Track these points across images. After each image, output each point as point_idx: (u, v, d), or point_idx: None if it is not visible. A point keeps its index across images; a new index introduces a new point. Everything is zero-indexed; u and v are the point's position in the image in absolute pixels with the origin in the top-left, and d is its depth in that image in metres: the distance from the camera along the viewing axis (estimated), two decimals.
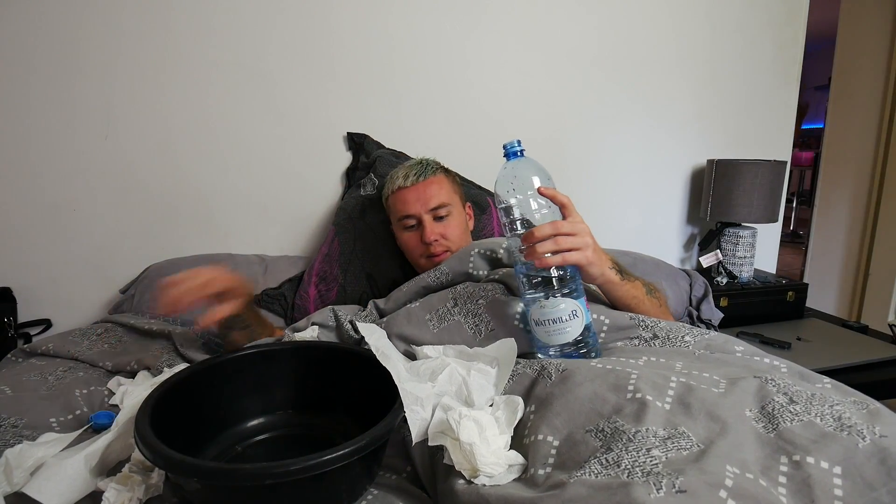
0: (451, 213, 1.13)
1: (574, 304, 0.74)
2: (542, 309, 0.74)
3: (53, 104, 1.32)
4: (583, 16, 1.62)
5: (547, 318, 0.74)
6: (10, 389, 0.87)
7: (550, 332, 0.74)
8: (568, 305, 0.73)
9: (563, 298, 0.74)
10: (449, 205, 1.13)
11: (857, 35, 2.43)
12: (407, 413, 0.63)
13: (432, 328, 0.84)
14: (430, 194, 1.11)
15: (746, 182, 1.62)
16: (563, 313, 0.73)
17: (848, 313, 2.52)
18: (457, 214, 1.15)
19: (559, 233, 0.72)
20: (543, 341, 0.76)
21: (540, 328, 0.75)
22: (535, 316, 0.75)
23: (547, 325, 0.74)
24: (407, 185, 1.12)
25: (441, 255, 1.09)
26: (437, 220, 1.12)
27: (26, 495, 0.59)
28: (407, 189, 1.12)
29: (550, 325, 0.74)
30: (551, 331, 0.74)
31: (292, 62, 1.44)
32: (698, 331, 0.80)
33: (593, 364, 0.68)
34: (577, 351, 0.76)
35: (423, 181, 1.13)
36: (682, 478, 0.46)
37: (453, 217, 1.14)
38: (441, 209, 1.12)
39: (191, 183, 1.44)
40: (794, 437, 0.52)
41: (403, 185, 1.13)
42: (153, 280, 1.32)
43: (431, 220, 1.11)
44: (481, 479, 0.57)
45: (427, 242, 1.09)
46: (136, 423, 0.59)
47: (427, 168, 1.15)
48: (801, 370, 0.67)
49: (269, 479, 0.51)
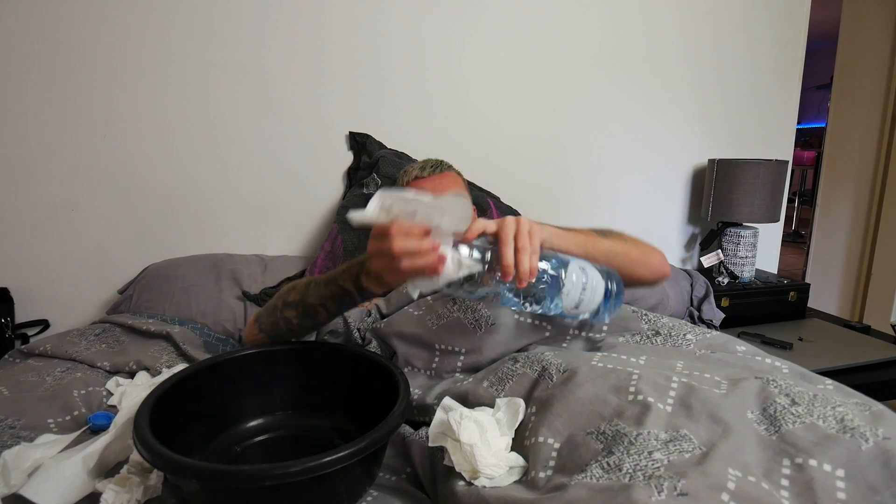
0: None
1: (576, 270, 0.69)
2: (568, 296, 0.68)
3: (52, 104, 1.32)
4: (583, 15, 1.62)
5: (574, 302, 0.69)
6: (7, 390, 0.86)
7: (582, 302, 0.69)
8: (578, 277, 0.68)
9: (568, 277, 0.68)
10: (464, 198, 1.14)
11: (859, 34, 2.43)
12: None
13: (431, 325, 0.84)
14: (446, 185, 1.14)
15: (748, 182, 1.61)
16: (578, 288, 0.68)
17: (850, 314, 2.51)
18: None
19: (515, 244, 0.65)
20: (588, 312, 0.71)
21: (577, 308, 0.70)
22: (568, 306, 0.70)
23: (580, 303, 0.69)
24: (424, 176, 1.15)
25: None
26: None
27: (24, 497, 0.59)
28: (424, 179, 1.14)
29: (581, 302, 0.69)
30: (583, 300, 0.69)
31: (292, 62, 1.44)
32: (700, 330, 0.80)
33: (594, 363, 0.67)
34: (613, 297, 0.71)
35: (438, 174, 1.15)
36: (683, 481, 0.46)
37: None
38: None
39: (190, 183, 1.43)
40: (797, 440, 0.52)
41: (420, 176, 1.15)
42: (151, 280, 1.32)
43: None
44: (481, 481, 0.57)
45: None
46: (134, 424, 0.58)
47: (442, 164, 1.18)
48: (803, 371, 0.67)
49: (269, 480, 0.51)
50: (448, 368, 0.82)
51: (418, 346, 0.84)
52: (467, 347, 0.81)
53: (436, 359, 0.82)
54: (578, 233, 0.80)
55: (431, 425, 0.64)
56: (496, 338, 0.80)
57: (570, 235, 0.77)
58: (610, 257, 0.81)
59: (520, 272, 0.63)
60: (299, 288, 0.84)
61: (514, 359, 0.75)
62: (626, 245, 0.85)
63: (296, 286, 0.85)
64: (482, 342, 0.80)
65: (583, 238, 0.79)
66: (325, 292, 0.79)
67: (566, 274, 0.68)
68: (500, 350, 0.80)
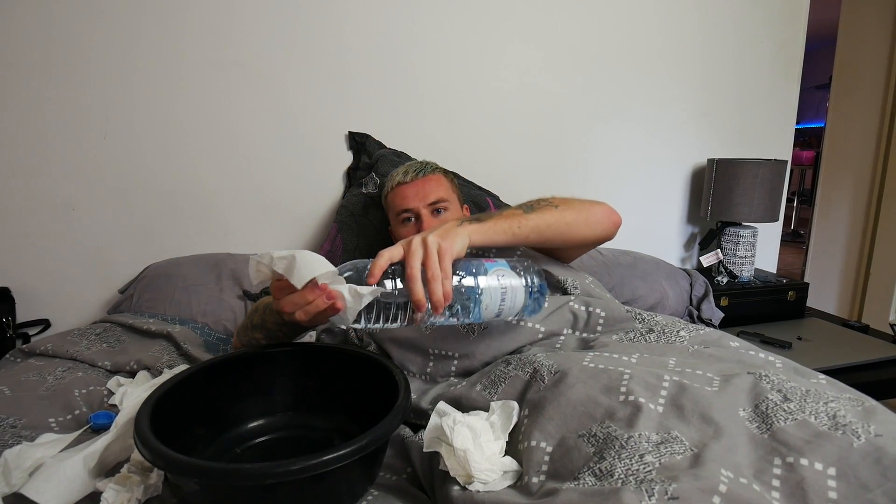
0: (448, 209, 1.14)
1: (491, 281, 0.67)
2: (487, 309, 0.67)
3: (53, 103, 1.32)
4: (583, 15, 1.62)
5: (495, 312, 0.68)
6: (8, 390, 0.87)
7: (503, 311, 0.68)
8: (490, 283, 0.66)
9: (486, 284, 0.66)
10: (447, 201, 1.14)
11: (858, 34, 2.43)
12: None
13: (424, 330, 0.84)
14: (429, 190, 1.13)
15: (747, 181, 1.62)
16: (497, 295, 0.67)
17: (849, 313, 2.52)
18: (454, 211, 1.16)
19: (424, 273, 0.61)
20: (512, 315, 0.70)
21: (499, 316, 0.69)
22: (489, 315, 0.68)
23: (501, 312, 0.68)
24: (406, 181, 1.14)
25: None
26: (435, 213, 1.13)
27: (25, 496, 0.59)
28: (406, 185, 1.14)
29: (503, 311, 0.68)
30: (504, 309, 0.68)
31: (292, 62, 1.44)
32: (693, 326, 0.80)
33: (586, 364, 0.67)
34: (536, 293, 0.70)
35: (421, 178, 1.15)
36: (675, 484, 0.46)
37: (451, 213, 1.14)
38: (439, 203, 1.13)
39: (190, 182, 1.44)
40: (788, 438, 0.52)
41: (403, 181, 1.15)
42: (152, 280, 1.32)
43: (429, 214, 1.12)
44: (476, 486, 0.57)
45: None
46: (135, 424, 0.59)
47: (426, 166, 1.17)
48: (797, 366, 0.67)
49: (270, 479, 0.51)
50: (442, 373, 0.82)
51: (412, 350, 0.84)
52: (460, 352, 0.81)
53: (430, 363, 0.83)
54: (501, 218, 0.77)
55: (426, 430, 0.64)
56: (489, 342, 0.81)
57: (492, 225, 0.75)
58: (543, 230, 0.78)
59: (433, 302, 0.61)
60: (260, 310, 0.84)
61: (506, 361, 0.75)
62: (558, 212, 0.82)
63: (258, 307, 0.86)
64: (475, 346, 0.80)
65: (507, 222, 0.77)
66: (277, 318, 0.78)
67: (481, 288, 0.66)
68: (492, 353, 0.80)
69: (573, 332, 0.80)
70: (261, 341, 0.84)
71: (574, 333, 0.80)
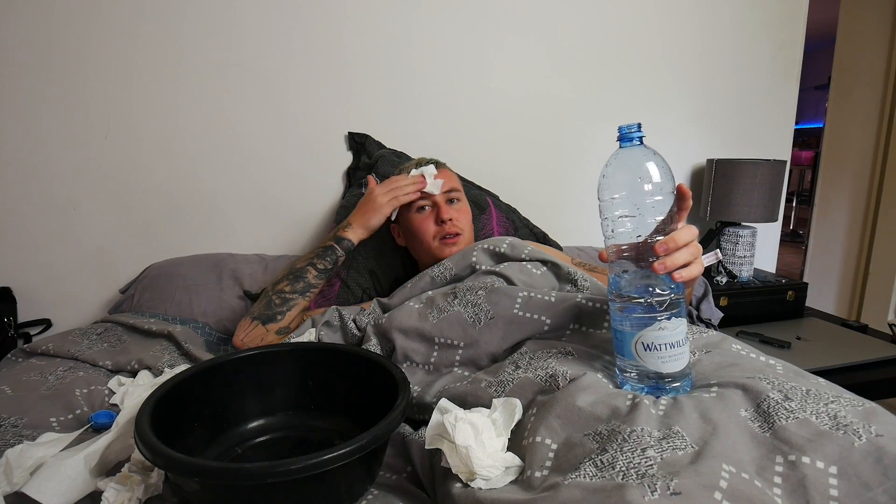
0: (461, 199, 1.17)
1: (685, 323, 0.64)
2: (661, 332, 0.62)
3: (53, 103, 1.33)
4: (582, 15, 1.62)
5: (665, 341, 0.62)
6: (10, 389, 0.87)
7: (666, 358, 0.62)
8: (684, 325, 0.63)
9: (680, 318, 0.63)
10: (459, 191, 1.17)
11: (857, 34, 2.43)
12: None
13: (432, 319, 0.85)
14: (444, 179, 1.14)
15: (746, 181, 1.62)
16: (682, 335, 0.62)
17: (848, 313, 2.52)
18: (465, 203, 1.19)
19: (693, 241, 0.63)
20: (654, 370, 0.63)
21: (652, 354, 0.62)
22: (649, 340, 0.62)
23: (663, 351, 0.62)
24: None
25: (455, 237, 1.11)
26: (449, 203, 1.15)
27: (26, 495, 0.60)
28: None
29: (667, 349, 0.62)
30: (667, 357, 0.62)
31: (292, 62, 1.44)
32: (696, 329, 0.80)
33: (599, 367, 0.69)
34: (682, 378, 0.64)
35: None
36: (676, 479, 0.46)
37: (463, 204, 1.18)
38: (453, 193, 1.15)
39: (191, 182, 1.44)
40: (790, 436, 0.52)
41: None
42: (153, 280, 1.32)
43: (445, 202, 1.14)
44: (477, 483, 0.57)
45: (443, 220, 1.10)
46: (136, 424, 0.59)
47: (437, 161, 1.20)
48: (797, 369, 0.67)
49: (270, 478, 0.51)
50: (446, 362, 0.83)
51: (418, 339, 0.86)
52: (465, 341, 0.82)
53: (434, 352, 0.84)
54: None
55: (428, 427, 0.64)
56: (494, 331, 0.82)
57: None
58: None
59: (676, 262, 0.62)
60: (284, 269, 1.06)
61: (514, 364, 0.75)
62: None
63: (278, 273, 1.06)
64: (480, 335, 0.82)
65: None
66: (309, 254, 1.08)
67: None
68: (497, 343, 0.81)
69: (579, 326, 0.80)
70: (284, 289, 1.03)
71: (581, 329, 0.80)
